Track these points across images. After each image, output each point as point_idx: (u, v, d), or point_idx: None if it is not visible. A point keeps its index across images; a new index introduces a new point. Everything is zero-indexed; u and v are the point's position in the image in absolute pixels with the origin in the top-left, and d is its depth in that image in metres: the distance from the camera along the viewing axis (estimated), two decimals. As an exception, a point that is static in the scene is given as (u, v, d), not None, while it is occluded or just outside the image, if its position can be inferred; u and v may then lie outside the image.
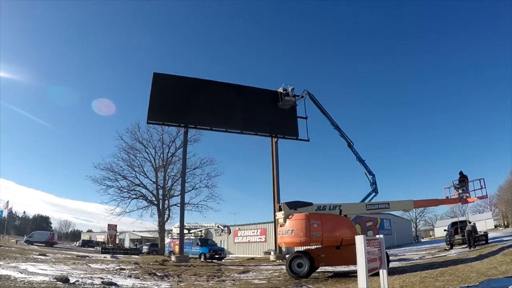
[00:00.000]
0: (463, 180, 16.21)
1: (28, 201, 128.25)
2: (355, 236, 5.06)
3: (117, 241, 44.06)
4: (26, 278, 8.06)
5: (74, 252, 26.33)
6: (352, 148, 22.87)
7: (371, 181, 22.23)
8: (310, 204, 11.76)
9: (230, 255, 33.89)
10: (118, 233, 47.75)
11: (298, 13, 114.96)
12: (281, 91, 23.56)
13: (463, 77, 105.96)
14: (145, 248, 36.14)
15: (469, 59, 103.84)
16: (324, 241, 10.56)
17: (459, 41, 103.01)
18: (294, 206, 11.43)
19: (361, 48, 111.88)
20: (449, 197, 16.66)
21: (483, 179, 15.91)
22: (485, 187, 15.81)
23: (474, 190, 16.08)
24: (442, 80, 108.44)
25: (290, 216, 10.99)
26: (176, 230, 26.99)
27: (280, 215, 11.35)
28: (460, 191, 16.16)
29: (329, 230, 10.62)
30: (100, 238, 58.44)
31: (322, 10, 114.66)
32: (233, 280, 10.45)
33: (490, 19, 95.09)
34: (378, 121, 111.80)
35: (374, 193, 21.67)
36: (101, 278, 9.08)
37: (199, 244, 24.32)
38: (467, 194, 16.18)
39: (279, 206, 11.74)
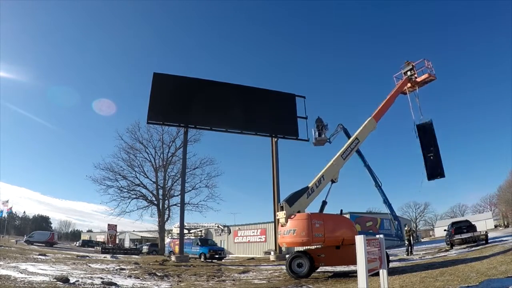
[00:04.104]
0: (409, 64, 17.08)
1: (14, 199, 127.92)
2: (355, 236, 5.06)
3: (117, 241, 44.11)
4: (26, 278, 8.06)
5: (74, 252, 26.31)
6: (380, 189, 22.18)
7: (396, 228, 22.66)
8: (306, 188, 11.75)
9: (230, 255, 33.91)
10: (118, 233, 47.79)
11: (301, 11, 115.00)
12: (317, 124, 20.88)
13: (462, 75, 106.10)
14: (145, 248, 36.15)
15: (469, 57, 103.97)
16: (326, 241, 10.49)
17: (458, 38, 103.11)
18: (293, 199, 11.25)
19: (368, 46, 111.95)
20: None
21: (427, 59, 16.96)
22: (432, 68, 16.76)
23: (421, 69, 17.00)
24: (441, 78, 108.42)
25: (292, 216, 10.85)
26: (176, 230, 27.03)
27: (281, 214, 11.12)
28: (408, 73, 16.71)
29: (330, 230, 10.55)
30: (100, 238, 58.51)
31: (327, 9, 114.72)
32: (233, 280, 10.44)
33: (490, 16, 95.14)
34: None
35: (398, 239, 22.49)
36: (101, 278, 9.08)
37: (199, 244, 24.33)
38: (415, 75, 16.76)
39: (280, 206, 11.49)
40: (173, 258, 19.47)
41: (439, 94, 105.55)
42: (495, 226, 57.77)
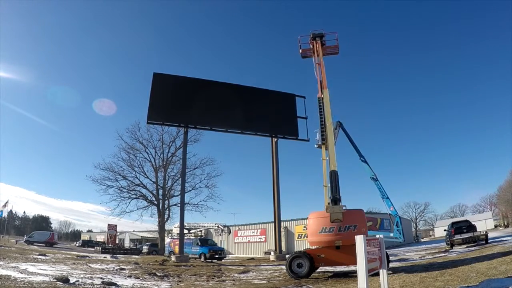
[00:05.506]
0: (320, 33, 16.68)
1: (11, 198, 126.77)
2: (355, 236, 5.05)
3: (117, 241, 44.11)
4: (26, 278, 8.06)
5: (74, 252, 26.32)
6: (376, 182, 21.91)
7: (395, 225, 22.67)
8: (336, 173, 11.27)
9: (230, 255, 33.89)
10: (118, 233, 47.77)
11: (302, 10, 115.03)
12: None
13: (462, 74, 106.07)
14: (145, 248, 36.16)
15: (467, 55, 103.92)
16: None
17: (458, 36, 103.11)
18: (339, 191, 10.69)
19: (368, 45, 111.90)
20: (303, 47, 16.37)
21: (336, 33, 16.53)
22: (337, 42, 16.32)
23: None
24: (441, 76, 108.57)
25: (348, 211, 10.37)
26: (176, 230, 27.01)
27: (339, 209, 10.28)
28: (318, 39, 16.01)
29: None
30: (100, 238, 58.49)
31: (327, 8, 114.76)
32: (233, 280, 10.44)
33: (490, 13, 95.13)
34: (376, 117, 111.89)
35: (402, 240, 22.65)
36: (101, 278, 9.08)
37: (199, 244, 24.33)
38: (325, 42, 16.33)
39: (334, 200, 10.42)
40: (173, 258, 19.48)
41: (439, 93, 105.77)
42: (495, 226, 57.81)
